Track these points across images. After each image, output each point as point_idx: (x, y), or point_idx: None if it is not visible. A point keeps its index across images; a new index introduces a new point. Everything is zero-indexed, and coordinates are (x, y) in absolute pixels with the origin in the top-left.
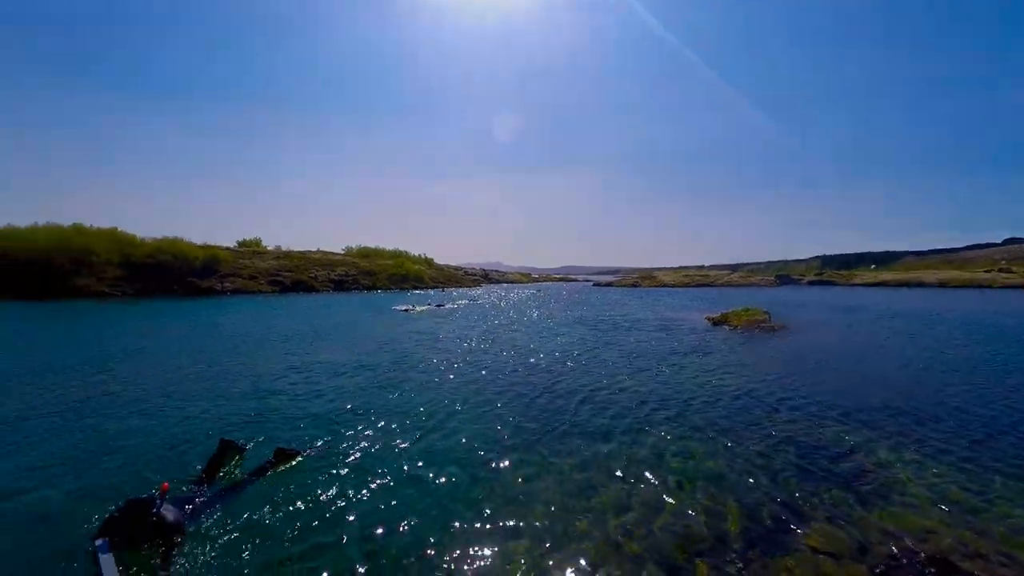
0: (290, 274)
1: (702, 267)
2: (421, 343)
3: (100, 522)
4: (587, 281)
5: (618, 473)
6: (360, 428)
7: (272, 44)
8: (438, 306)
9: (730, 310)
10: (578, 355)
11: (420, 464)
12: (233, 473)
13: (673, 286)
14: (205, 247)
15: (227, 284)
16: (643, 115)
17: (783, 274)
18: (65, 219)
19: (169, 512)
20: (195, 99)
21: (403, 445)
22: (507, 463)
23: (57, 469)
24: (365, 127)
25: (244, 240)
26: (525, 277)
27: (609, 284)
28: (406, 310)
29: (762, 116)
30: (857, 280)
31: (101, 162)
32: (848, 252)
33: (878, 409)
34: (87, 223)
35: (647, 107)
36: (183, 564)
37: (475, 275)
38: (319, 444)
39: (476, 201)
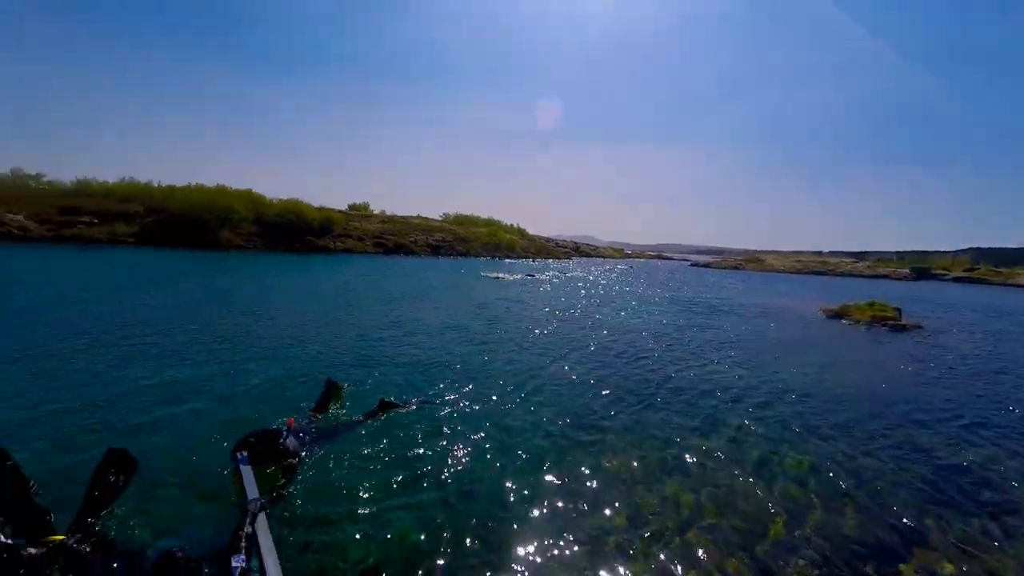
0: (393, 237)
1: (819, 253)
2: (511, 310)
3: (235, 441)
4: (684, 260)
5: (709, 466)
6: (454, 386)
7: (374, 18)
8: (528, 276)
9: (851, 302)
10: (668, 336)
11: (508, 429)
12: (340, 415)
13: (783, 271)
14: (321, 209)
15: (338, 243)
16: (758, 82)
17: (921, 267)
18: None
19: (291, 442)
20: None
21: (492, 408)
22: (590, 438)
23: (203, 393)
24: (463, 97)
25: (354, 204)
26: (617, 252)
27: (708, 265)
28: (497, 277)
29: (910, 76)
30: (1021, 280)
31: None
32: (1008, 247)
33: None
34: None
35: (764, 73)
36: (296, 486)
37: (566, 247)
38: (417, 400)
39: (570, 172)
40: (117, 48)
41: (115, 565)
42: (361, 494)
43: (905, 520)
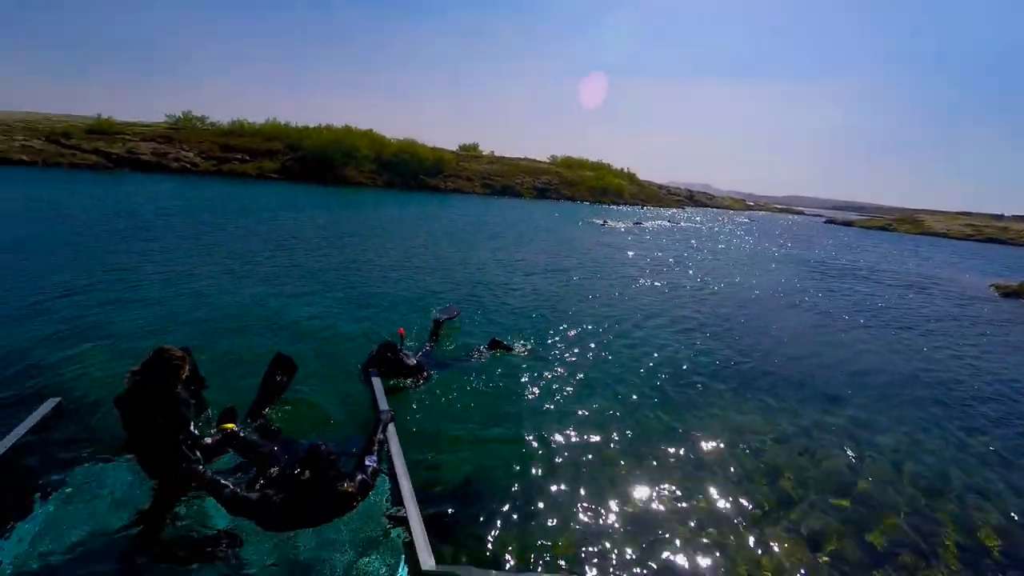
0: (500, 179)
1: (999, 217)
2: (614, 258)
3: (366, 356)
4: (817, 216)
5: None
6: (556, 330)
7: None
8: (635, 223)
9: None
10: (788, 298)
11: (606, 378)
12: (453, 347)
13: (947, 236)
14: (434, 149)
15: (449, 183)
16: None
17: None
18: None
19: (408, 356)
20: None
21: (592, 356)
22: (688, 398)
23: (337, 312)
24: (569, 28)
25: (464, 144)
26: (738, 203)
27: (848, 223)
28: (602, 224)
29: None
30: None
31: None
32: None
33: None
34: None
35: None
36: (412, 404)
37: (679, 195)
38: (522, 342)
39: (686, 113)
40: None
41: (275, 448)
42: (466, 421)
43: None
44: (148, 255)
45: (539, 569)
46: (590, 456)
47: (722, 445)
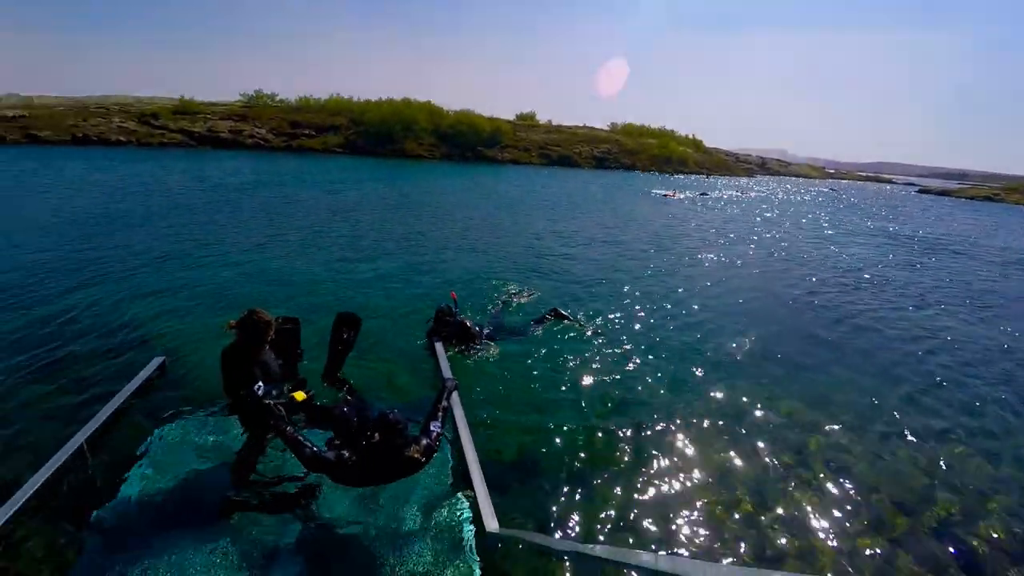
0: (557, 148)
1: None
2: (675, 230)
3: (426, 322)
4: (908, 185)
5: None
6: (615, 303)
7: None
8: (700, 195)
9: None
10: (868, 275)
11: (669, 353)
12: (517, 313)
13: None
14: (491, 119)
15: (505, 154)
16: None
17: None
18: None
19: (468, 320)
20: None
21: (655, 331)
22: (758, 378)
23: (399, 280)
24: None
25: (521, 114)
26: (816, 171)
27: (944, 192)
28: (664, 195)
29: None
30: None
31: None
32: None
33: None
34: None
35: None
36: (476, 367)
37: (749, 164)
38: (583, 315)
39: (759, 71)
40: None
41: (346, 410)
42: (527, 389)
43: None
44: (231, 226)
45: (600, 540)
46: (652, 432)
47: (795, 430)
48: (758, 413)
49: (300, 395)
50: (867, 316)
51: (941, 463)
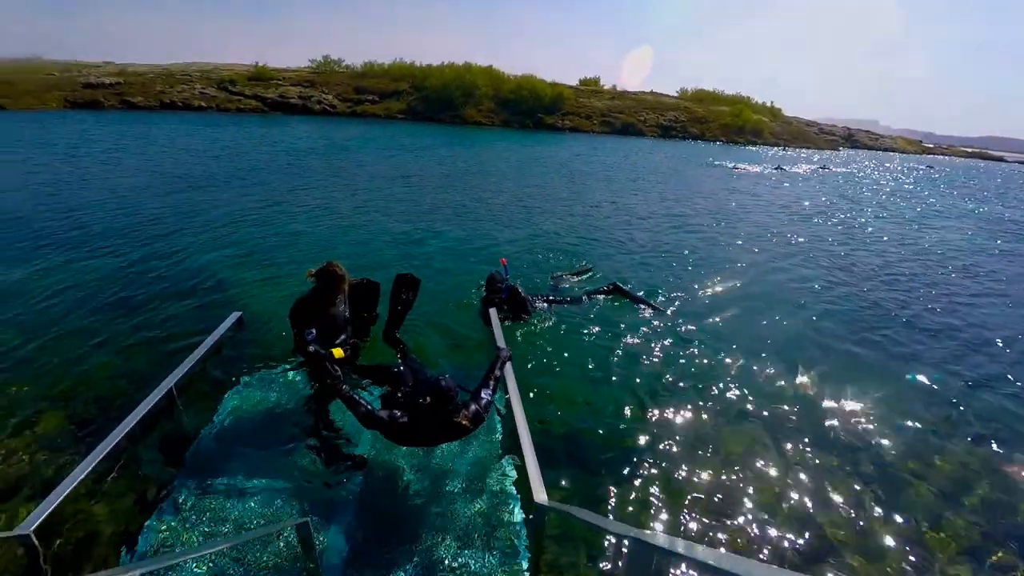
0: (620, 116)
1: None
2: (744, 207)
3: (480, 287)
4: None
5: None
6: (676, 280)
7: None
8: (774, 169)
9: None
10: (964, 263)
11: (731, 335)
12: (572, 285)
13: None
14: (553, 85)
15: (566, 122)
16: None
17: None
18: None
19: (520, 288)
20: None
21: (717, 312)
22: (827, 376)
23: (455, 246)
24: None
25: (584, 79)
26: (911, 145)
27: None
28: (734, 167)
29: None
30: None
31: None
32: None
33: None
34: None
35: None
36: (531, 336)
37: (834, 135)
38: (642, 294)
39: (849, 29)
40: None
41: (401, 369)
42: (580, 363)
43: None
44: (301, 189)
45: (644, 524)
46: (708, 419)
47: (868, 429)
48: (826, 408)
49: (338, 352)
50: (960, 312)
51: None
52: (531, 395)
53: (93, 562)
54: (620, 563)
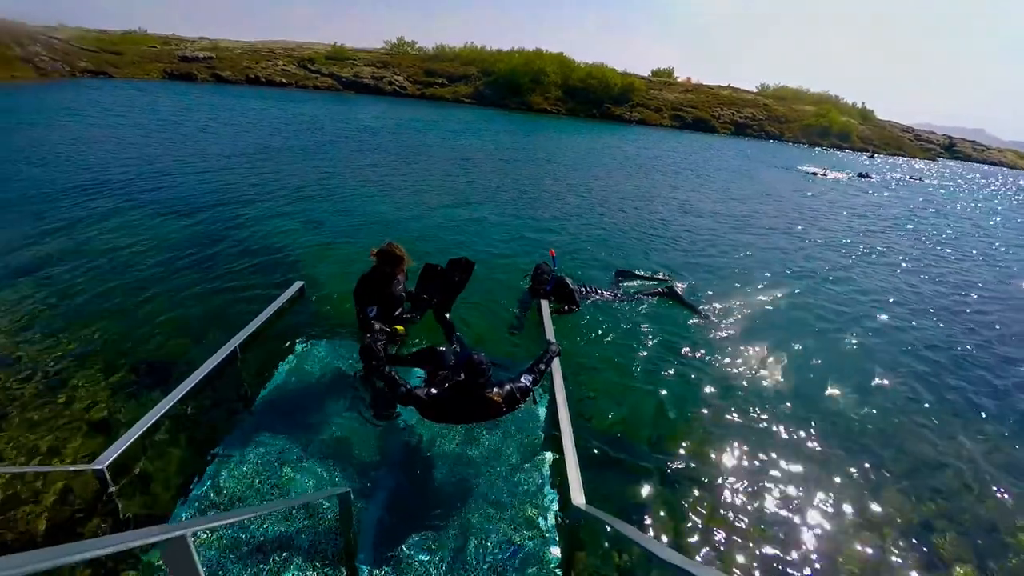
0: (693, 110)
1: None
2: (818, 214)
3: (526, 276)
4: None
5: None
6: (732, 287)
7: None
8: (860, 176)
9: None
10: None
11: (783, 353)
12: (623, 282)
13: None
14: (624, 74)
15: (634, 114)
16: None
17: None
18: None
19: (569, 279)
20: None
21: (781, 330)
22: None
23: (510, 232)
24: None
25: (657, 70)
26: (1023, 159)
27: None
28: (813, 172)
29: None
30: None
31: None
32: None
33: None
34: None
35: None
36: (580, 331)
37: (932, 144)
38: (702, 304)
39: (957, 27)
40: None
41: (443, 349)
42: (628, 365)
43: None
44: (370, 167)
45: (678, 545)
46: (757, 440)
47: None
48: (886, 439)
49: (400, 328)
50: None
51: None
52: (573, 390)
53: (155, 501)
54: None
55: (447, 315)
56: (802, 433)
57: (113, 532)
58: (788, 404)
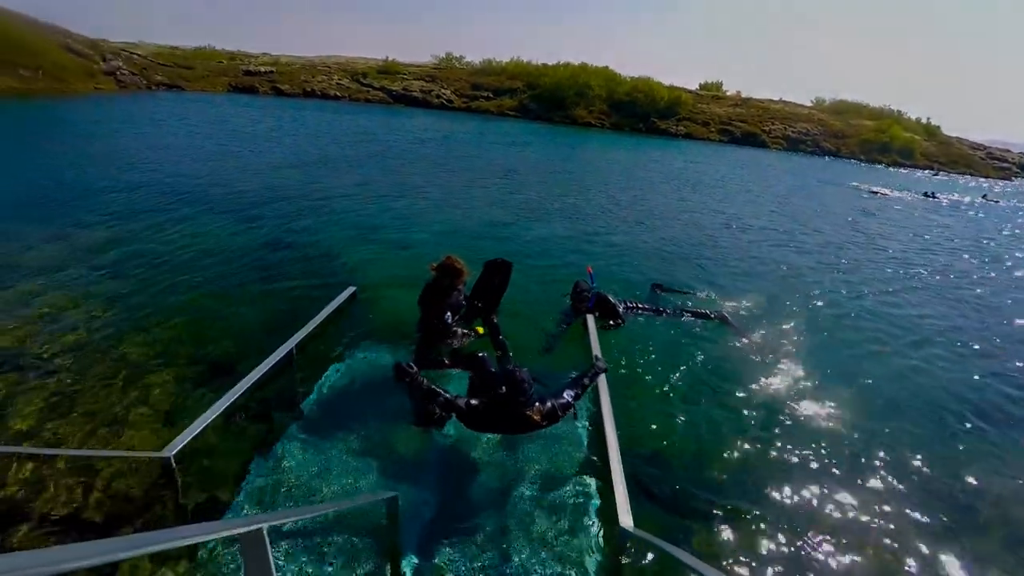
0: (743, 124)
1: None
2: (874, 232)
3: (567, 296)
4: None
5: None
6: (780, 312)
7: None
8: (926, 195)
9: None
10: None
11: (837, 387)
12: (669, 301)
13: None
14: (671, 88)
15: (680, 128)
16: None
17: None
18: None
19: (610, 295)
20: None
21: (838, 361)
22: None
23: (543, 244)
24: None
25: (705, 83)
26: None
27: None
28: (872, 191)
29: None
30: None
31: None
32: None
33: None
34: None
35: None
36: (626, 349)
37: (1006, 162)
38: (751, 331)
39: None
40: None
41: (484, 355)
42: (675, 386)
43: None
44: (418, 176)
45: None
46: (808, 471)
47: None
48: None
49: (480, 329)
50: None
51: None
52: (618, 407)
53: (214, 492)
54: None
55: (494, 318)
56: (859, 467)
57: (174, 519)
58: (842, 435)
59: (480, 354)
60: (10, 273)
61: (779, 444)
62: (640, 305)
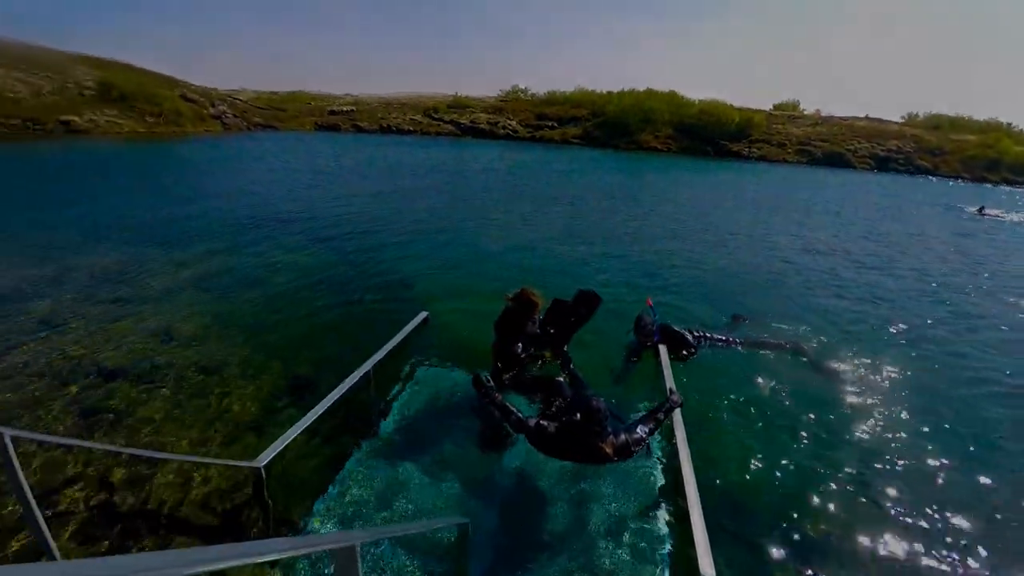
0: (824, 144)
1: None
2: (983, 257)
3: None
4: None
5: None
6: (870, 342)
7: None
8: None
9: None
10: None
11: (934, 427)
12: (744, 332)
13: None
14: (742, 110)
15: (754, 150)
16: None
17: None
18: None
19: (676, 326)
20: None
21: (918, 388)
22: None
23: (617, 276)
24: None
25: (780, 103)
26: None
27: None
28: (976, 211)
29: None
30: None
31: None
32: None
33: None
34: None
35: None
36: (698, 382)
37: None
38: (832, 364)
39: None
40: None
41: (561, 380)
42: (741, 415)
43: None
44: (487, 204)
45: None
46: (898, 521)
47: None
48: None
49: (548, 355)
50: None
51: None
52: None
53: (297, 504)
54: None
55: (565, 348)
56: (954, 521)
57: (263, 528)
58: (935, 483)
59: (558, 379)
60: (136, 294)
61: (863, 492)
62: (709, 335)
